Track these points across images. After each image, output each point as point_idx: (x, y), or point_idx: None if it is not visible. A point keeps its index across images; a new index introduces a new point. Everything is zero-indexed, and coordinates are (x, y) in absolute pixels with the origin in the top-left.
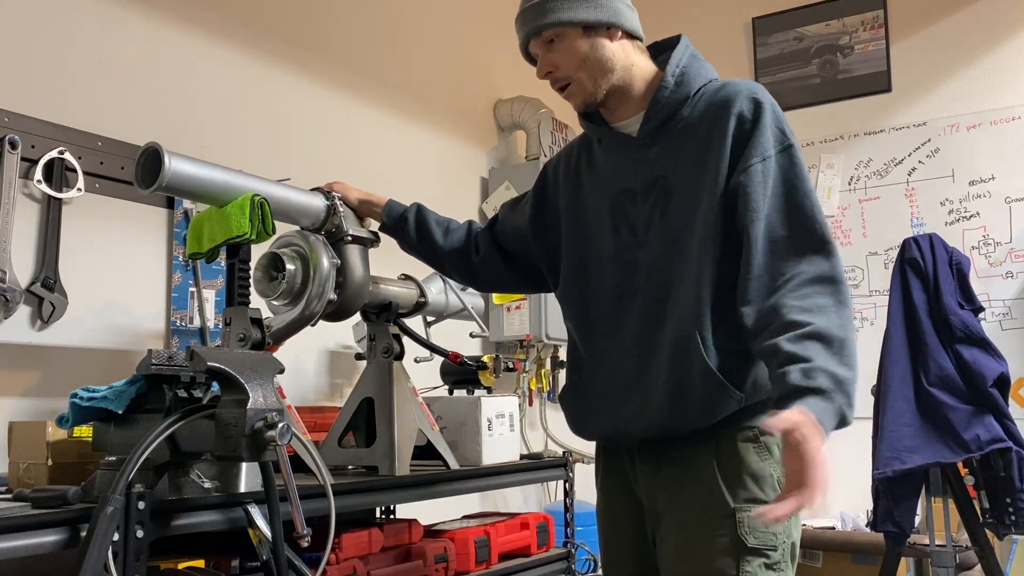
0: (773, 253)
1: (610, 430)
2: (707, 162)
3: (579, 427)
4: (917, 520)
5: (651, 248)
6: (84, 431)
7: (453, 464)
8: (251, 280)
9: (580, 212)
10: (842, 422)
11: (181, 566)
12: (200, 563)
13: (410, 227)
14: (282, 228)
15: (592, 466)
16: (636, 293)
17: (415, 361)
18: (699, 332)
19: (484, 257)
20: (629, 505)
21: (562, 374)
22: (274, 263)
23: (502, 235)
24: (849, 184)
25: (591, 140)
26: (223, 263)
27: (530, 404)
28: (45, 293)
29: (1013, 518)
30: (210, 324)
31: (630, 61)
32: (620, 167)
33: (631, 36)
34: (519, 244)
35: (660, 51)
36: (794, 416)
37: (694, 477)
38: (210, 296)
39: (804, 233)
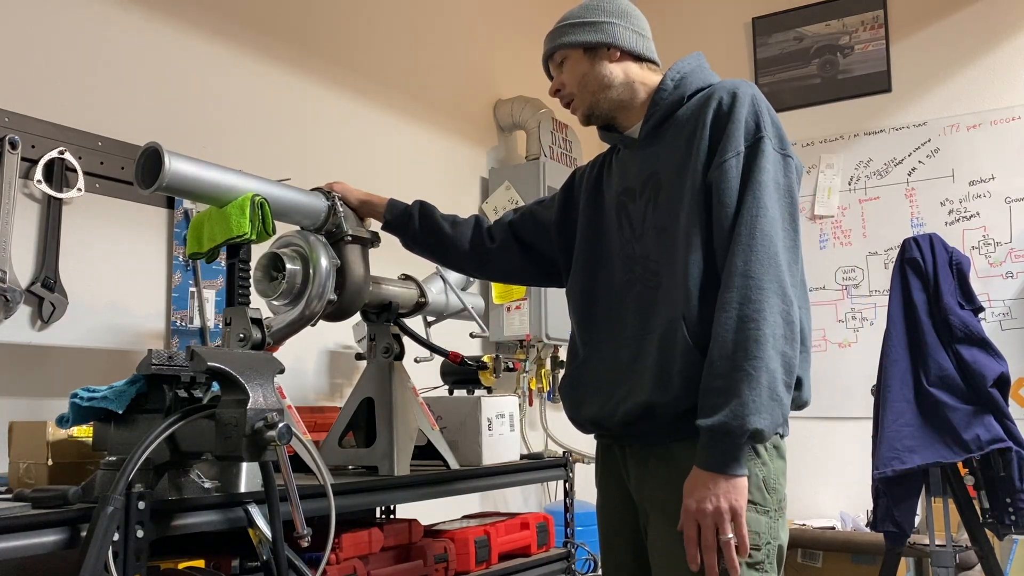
0: (725, 250)
1: (600, 414)
2: (690, 154)
3: (574, 413)
4: (917, 520)
5: (645, 240)
6: (84, 431)
7: (453, 464)
8: (251, 280)
9: (596, 214)
10: (734, 431)
11: (181, 566)
12: (200, 563)
13: (415, 221)
14: (282, 228)
15: (592, 466)
16: (634, 284)
17: (415, 361)
18: (685, 314)
19: (500, 246)
20: (625, 503)
21: (562, 374)
22: (274, 263)
23: (522, 227)
24: (849, 184)
25: (610, 153)
26: (223, 263)
27: (530, 404)
28: (45, 293)
29: (1013, 518)
30: (210, 324)
31: (631, 78)
32: (626, 169)
33: (636, 58)
34: (541, 237)
35: None
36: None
37: (680, 473)
38: (210, 296)
39: (744, 228)
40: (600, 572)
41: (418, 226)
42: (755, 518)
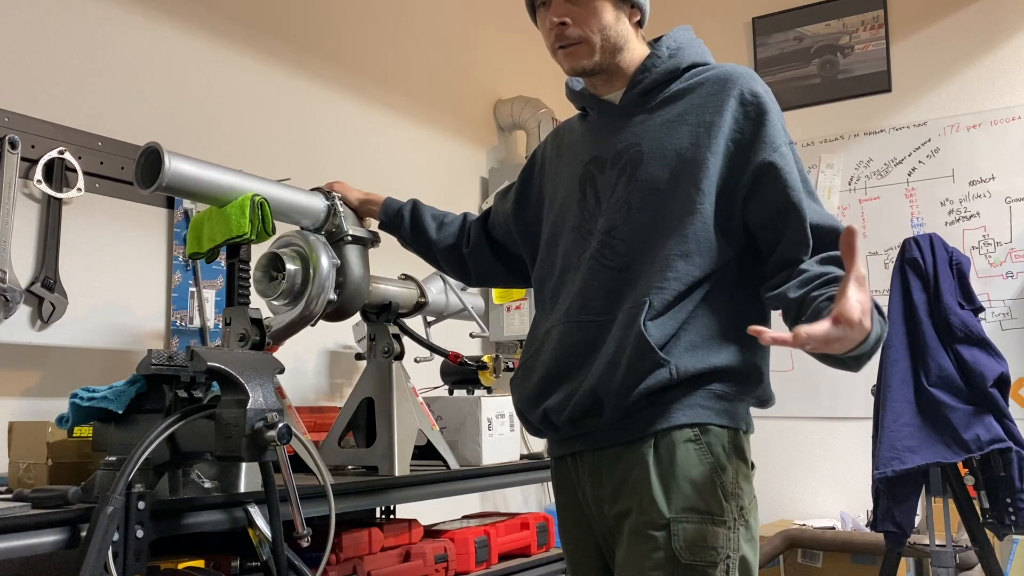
0: (809, 226)
1: (551, 407)
2: (696, 133)
3: (526, 408)
4: (917, 520)
5: (612, 215)
6: (84, 431)
7: (453, 464)
8: (251, 280)
9: (558, 189)
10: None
11: (181, 566)
12: (200, 563)
13: (405, 223)
14: (282, 228)
15: None
16: (587, 261)
17: (415, 361)
18: (652, 301)
19: (473, 248)
20: (586, 524)
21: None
22: (274, 263)
23: (493, 225)
24: (849, 184)
25: (575, 120)
26: (223, 263)
27: None
28: (45, 293)
29: (1013, 518)
30: (210, 324)
31: (631, 46)
32: (597, 136)
33: (639, 25)
34: (506, 233)
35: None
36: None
37: (632, 483)
38: (210, 296)
39: (826, 216)
40: None
41: (408, 227)
42: (711, 531)
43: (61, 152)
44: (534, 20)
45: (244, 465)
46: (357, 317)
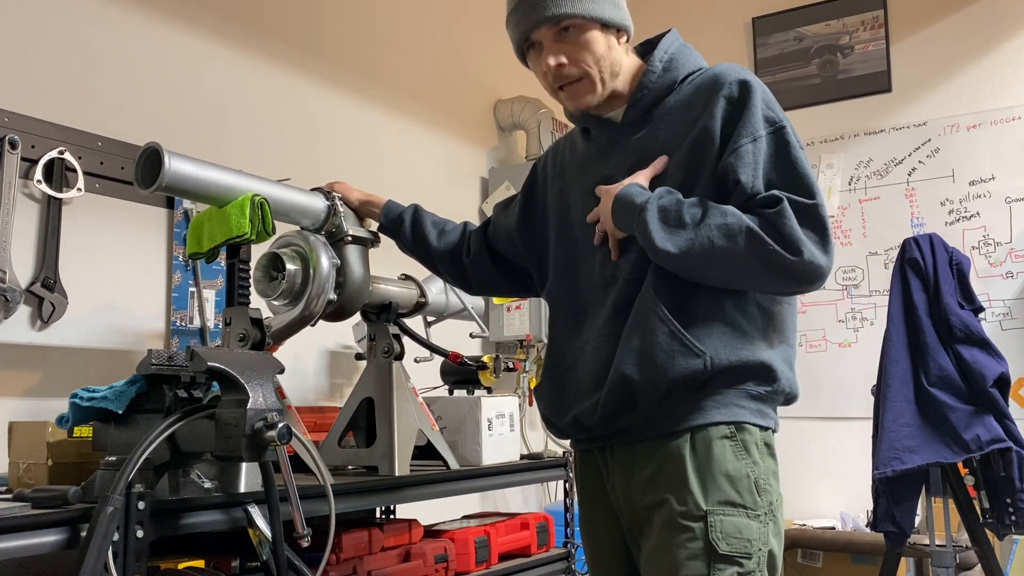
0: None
1: (581, 413)
2: (693, 143)
3: (556, 417)
4: (917, 520)
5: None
6: (84, 431)
7: (453, 464)
8: (251, 280)
9: (567, 206)
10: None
11: (181, 566)
12: (200, 563)
13: (406, 228)
14: (282, 228)
15: None
16: (617, 279)
17: (415, 361)
18: (680, 299)
19: (474, 258)
20: (611, 514)
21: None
22: (274, 263)
23: (494, 236)
24: (849, 184)
25: (576, 134)
26: (223, 263)
27: (530, 404)
28: (45, 293)
29: (1013, 518)
30: (210, 324)
31: (625, 66)
32: (603, 155)
33: (627, 41)
34: (509, 245)
35: (651, 47)
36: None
37: (667, 476)
38: (210, 296)
39: (793, 180)
40: None
41: (408, 233)
42: (746, 524)
43: (61, 152)
44: (524, 63)
45: (244, 465)
46: (357, 317)
